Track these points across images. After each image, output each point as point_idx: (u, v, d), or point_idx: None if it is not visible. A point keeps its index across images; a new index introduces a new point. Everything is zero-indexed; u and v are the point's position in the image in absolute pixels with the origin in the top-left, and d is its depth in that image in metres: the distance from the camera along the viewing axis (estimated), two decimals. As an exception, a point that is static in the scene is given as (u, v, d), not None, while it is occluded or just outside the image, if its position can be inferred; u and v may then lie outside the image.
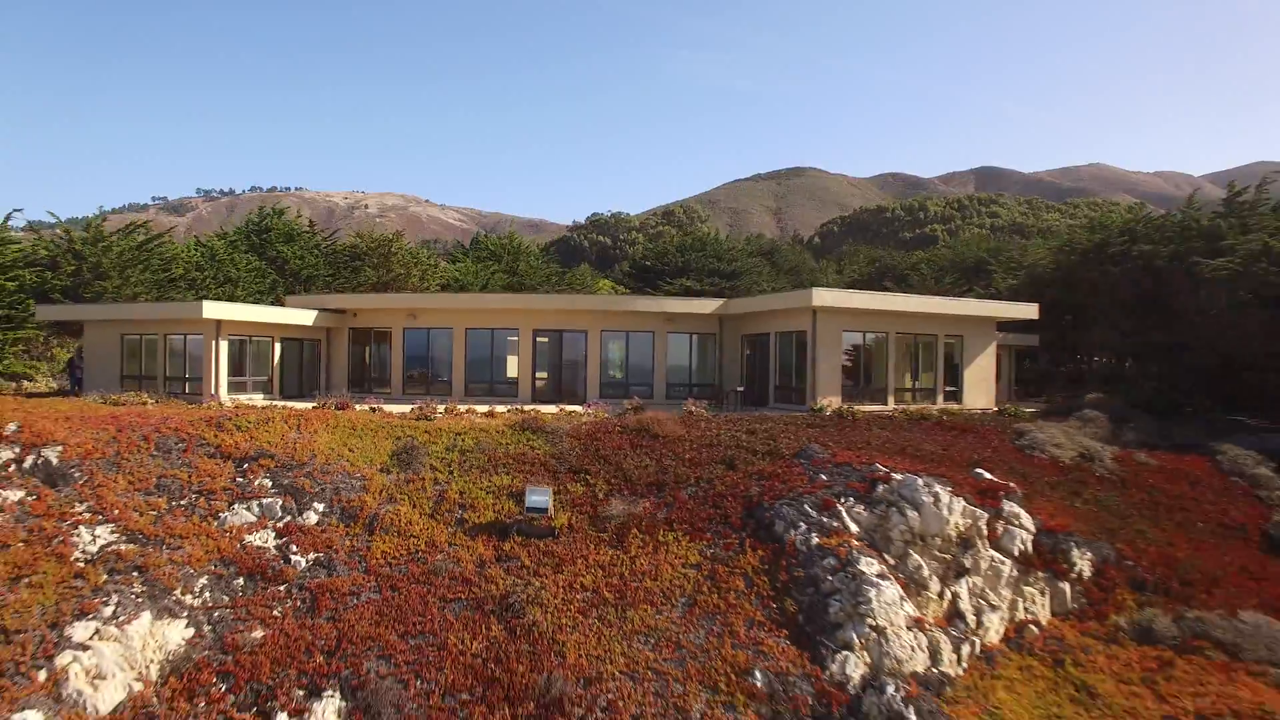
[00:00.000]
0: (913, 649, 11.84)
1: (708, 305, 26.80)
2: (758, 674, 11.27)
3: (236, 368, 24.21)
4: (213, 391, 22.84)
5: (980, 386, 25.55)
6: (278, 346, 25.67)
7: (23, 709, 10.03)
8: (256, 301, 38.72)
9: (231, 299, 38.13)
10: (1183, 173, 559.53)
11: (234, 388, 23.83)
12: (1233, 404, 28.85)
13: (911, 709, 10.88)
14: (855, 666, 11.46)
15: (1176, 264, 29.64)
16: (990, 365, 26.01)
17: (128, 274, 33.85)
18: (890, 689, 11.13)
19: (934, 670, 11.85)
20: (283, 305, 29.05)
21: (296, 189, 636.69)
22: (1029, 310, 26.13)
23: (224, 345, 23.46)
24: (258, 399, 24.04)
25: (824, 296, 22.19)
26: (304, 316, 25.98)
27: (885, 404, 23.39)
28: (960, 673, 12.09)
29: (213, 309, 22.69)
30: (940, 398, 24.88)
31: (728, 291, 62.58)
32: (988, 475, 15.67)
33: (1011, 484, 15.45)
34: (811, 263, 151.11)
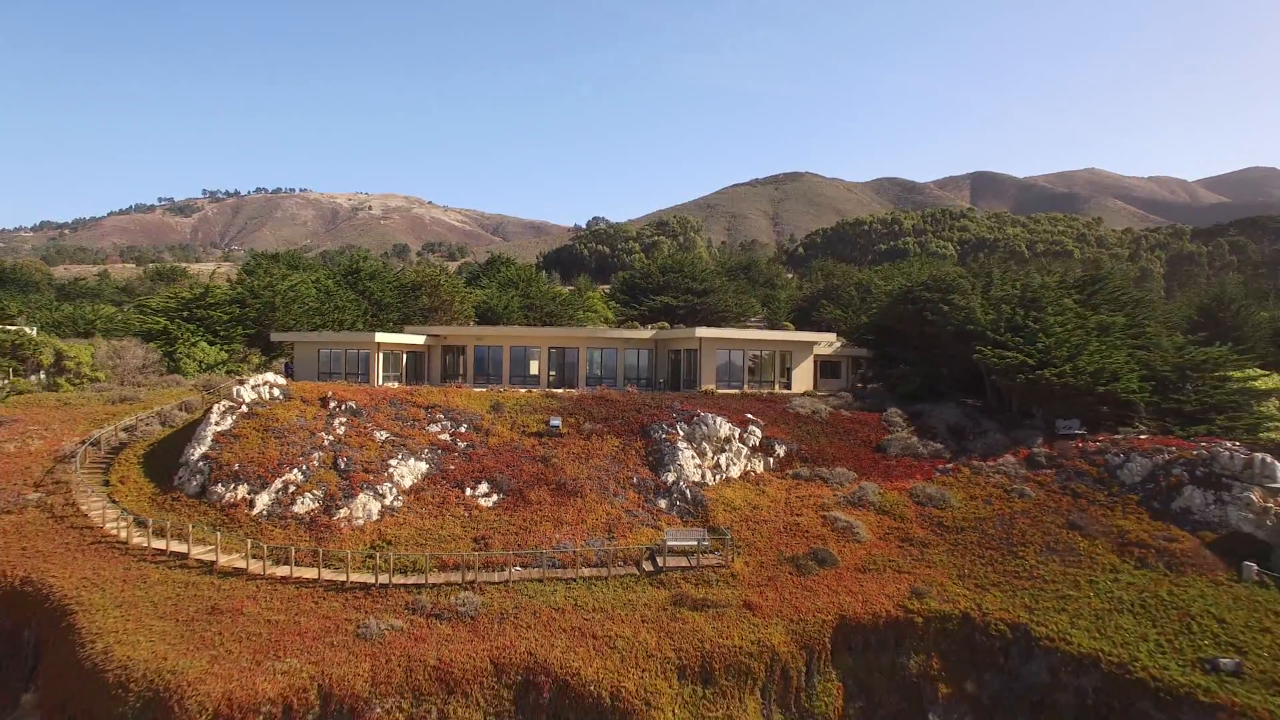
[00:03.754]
0: (694, 473, 32.64)
1: (647, 333, 47.55)
2: (634, 478, 32.14)
3: (384, 367, 44.95)
4: (375, 382, 43.57)
5: (802, 380, 46.18)
6: (404, 355, 46.49)
7: (384, 482, 30.96)
8: (353, 325, 59.74)
9: (341, 322, 59.20)
10: (1177, 177, 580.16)
11: (384, 379, 44.57)
12: (970, 392, 49.22)
13: (688, 490, 31.72)
14: (671, 476, 32.29)
15: (936, 306, 50.15)
16: (809, 368, 46.63)
17: (290, 308, 54.90)
18: (682, 484, 31.96)
19: (702, 481, 32.62)
20: (402, 332, 49.77)
21: (301, 190, 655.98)
22: (829, 337, 46.96)
23: (380, 355, 44.26)
24: (395, 385, 44.71)
25: (704, 332, 42.92)
26: (417, 338, 46.74)
27: (741, 389, 44.00)
28: (713, 483, 32.85)
29: (378, 336, 43.47)
30: (777, 386, 45.52)
31: (699, 307, 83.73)
32: (750, 416, 36.45)
33: (760, 420, 36.26)
34: (785, 275, 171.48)
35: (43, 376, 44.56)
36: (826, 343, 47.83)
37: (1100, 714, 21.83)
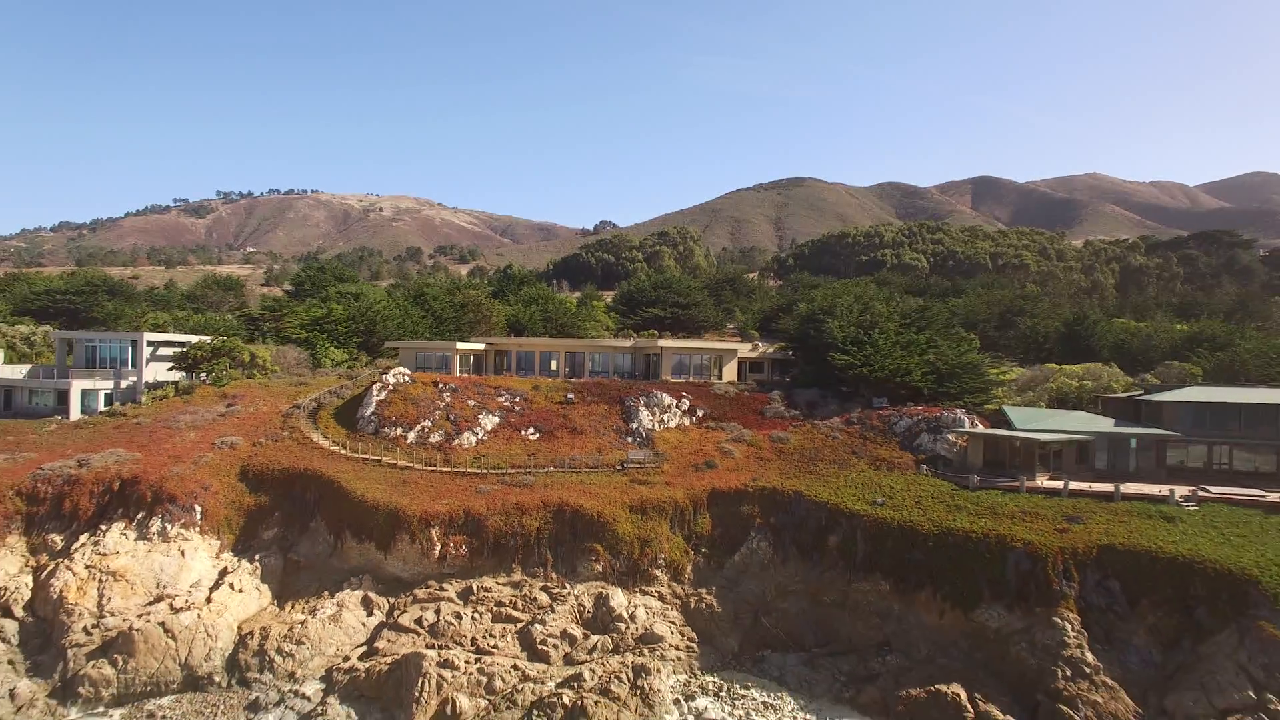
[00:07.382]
0: (648, 424, 59.90)
1: (629, 342, 74.61)
2: (615, 427, 59.60)
3: (460, 364, 72.21)
4: (454, 373, 70.79)
5: (729, 374, 73.09)
6: (471, 356, 73.84)
7: (477, 427, 58.47)
8: (423, 334, 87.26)
9: (415, 332, 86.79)
10: (1179, 182, 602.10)
11: (460, 371, 71.79)
12: (843, 383, 75.94)
13: (644, 433, 59.05)
14: (637, 425, 59.57)
15: (820, 325, 76.78)
16: (735, 366, 73.50)
17: (386, 323, 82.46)
18: (641, 430, 59.29)
19: (652, 429, 59.82)
20: (469, 341, 77.19)
21: (312, 192, 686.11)
22: (747, 345, 73.93)
23: (458, 356, 71.63)
24: (466, 375, 71.79)
25: (664, 342, 69.94)
26: (479, 346, 74.10)
27: (688, 379, 70.92)
28: (659, 430, 60.03)
29: (457, 344, 70.88)
30: (713, 378, 72.42)
31: (683, 317, 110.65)
32: (685, 394, 63.63)
33: (690, 396, 63.45)
34: (768, 285, 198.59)
35: (239, 370, 72.00)
36: (746, 350, 74.76)
37: (824, 526, 48.59)
